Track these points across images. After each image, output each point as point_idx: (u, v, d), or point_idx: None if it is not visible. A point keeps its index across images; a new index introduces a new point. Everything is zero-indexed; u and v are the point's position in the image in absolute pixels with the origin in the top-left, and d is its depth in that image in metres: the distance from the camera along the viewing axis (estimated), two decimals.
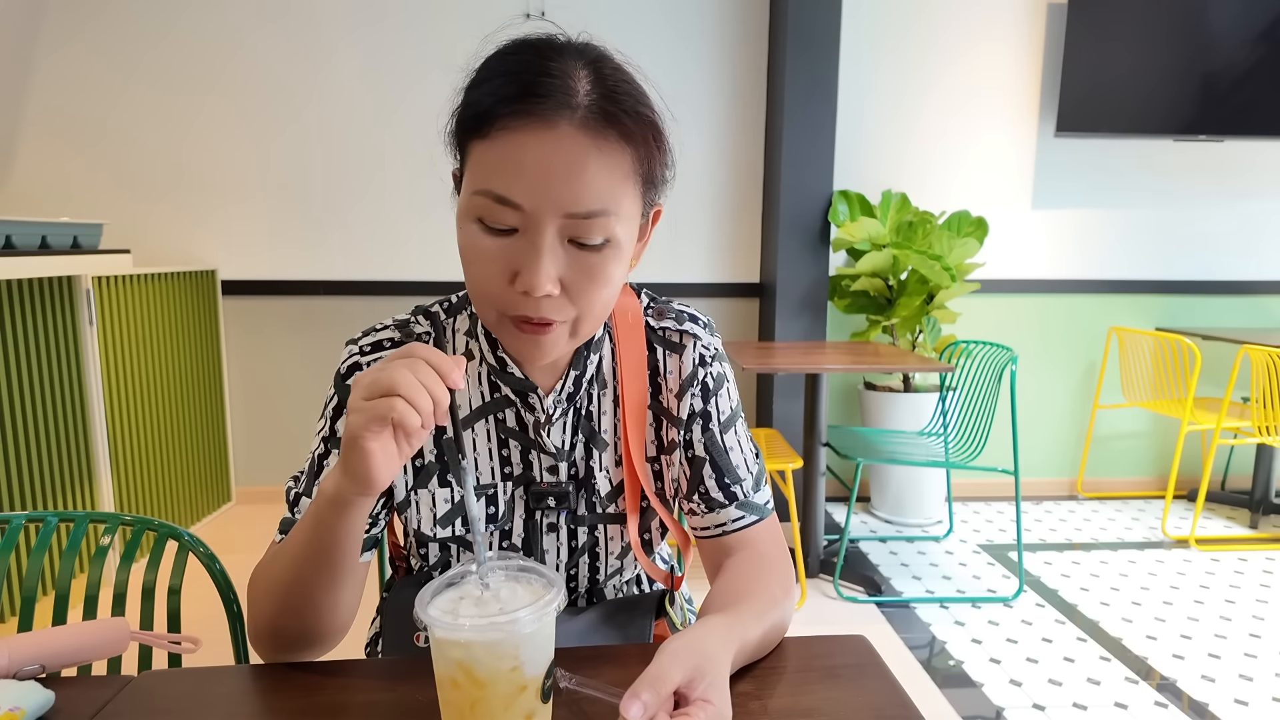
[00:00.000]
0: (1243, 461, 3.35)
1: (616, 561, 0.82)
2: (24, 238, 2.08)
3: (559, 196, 0.59)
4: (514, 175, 0.59)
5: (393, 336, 0.76)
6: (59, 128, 2.94)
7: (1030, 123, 3.17)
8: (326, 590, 0.67)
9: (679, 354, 0.79)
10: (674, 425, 0.79)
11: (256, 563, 0.73)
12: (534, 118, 0.59)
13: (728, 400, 0.80)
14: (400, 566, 0.89)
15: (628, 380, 0.77)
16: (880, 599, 2.39)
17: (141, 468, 2.59)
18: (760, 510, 0.80)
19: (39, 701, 0.58)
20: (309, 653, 0.71)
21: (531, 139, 0.59)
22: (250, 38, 2.95)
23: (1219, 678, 1.96)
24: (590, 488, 0.78)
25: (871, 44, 3.07)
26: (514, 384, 0.74)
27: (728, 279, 3.20)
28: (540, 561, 0.76)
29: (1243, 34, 3.02)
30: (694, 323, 0.80)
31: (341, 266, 3.09)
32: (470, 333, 0.76)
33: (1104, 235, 3.26)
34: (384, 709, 0.61)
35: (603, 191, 0.60)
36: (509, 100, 0.59)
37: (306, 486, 0.74)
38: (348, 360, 0.76)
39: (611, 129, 0.60)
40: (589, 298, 0.63)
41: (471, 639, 0.49)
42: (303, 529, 0.65)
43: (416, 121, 3.01)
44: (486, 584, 0.53)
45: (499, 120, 0.59)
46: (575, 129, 0.59)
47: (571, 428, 0.77)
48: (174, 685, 0.64)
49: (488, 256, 0.62)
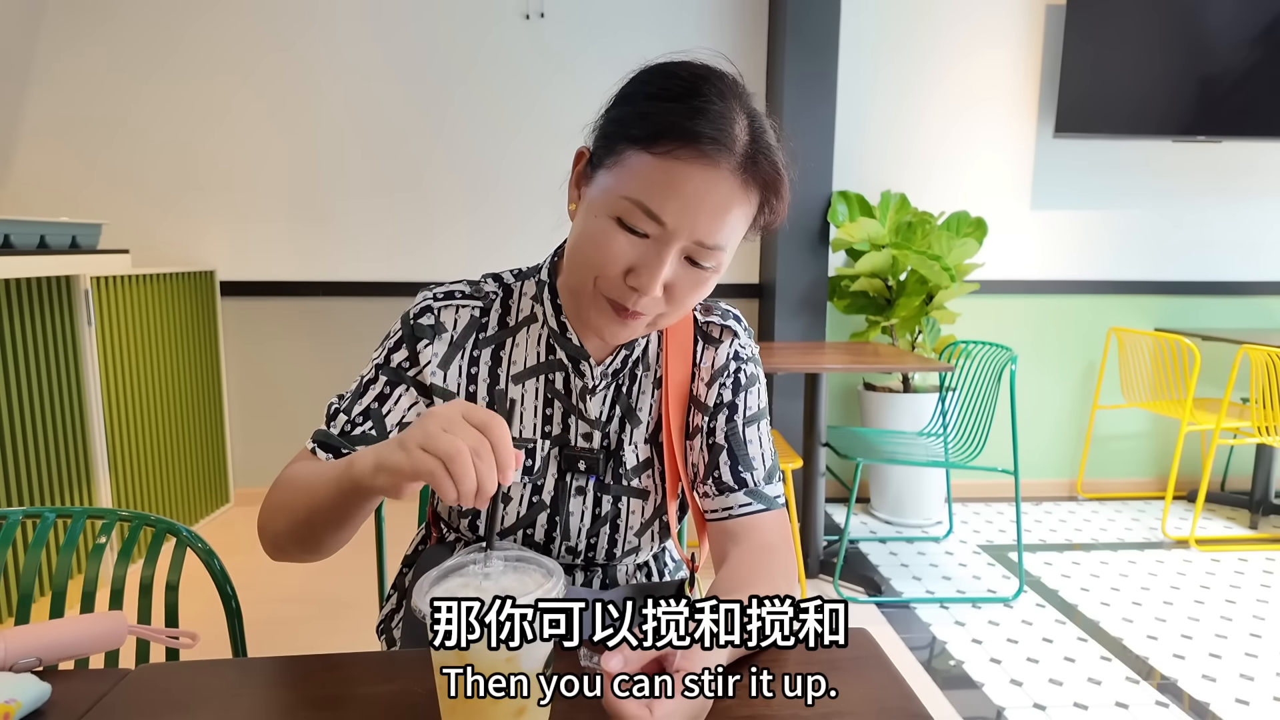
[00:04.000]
0: (1243, 462, 3.35)
1: (635, 539, 0.85)
2: (22, 237, 2.08)
3: (697, 226, 0.66)
4: (669, 197, 0.65)
5: (464, 289, 0.82)
6: (58, 127, 2.94)
7: (1029, 124, 3.17)
8: (332, 533, 0.72)
9: (715, 347, 0.84)
10: (700, 412, 0.84)
11: (265, 507, 0.77)
12: (701, 154, 0.64)
13: (756, 399, 0.85)
14: (434, 534, 0.91)
15: (673, 366, 0.82)
16: (880, 599, 2.39)
17: (140, 468, 2.58)
18: (769, 501, 0.82)
19: (35, 694, 0.58)
20: (302, 560, 0.77)
21: (695, 170, 0.65)
22: (248, 39, 2.95)
23: (1220, 677, 1.95)
24: (619, 459, 0.83)
25: (871, 46, 3.07)
26: (570, 350, 0.80)
27: (728, 279, 3.20)
28: (564, 524, 0.81)
29: (1240, 35, 3.02)
30: (737, 323, 0.86)
31: (339, 267, 3.09)
32: (536, 297, 0.82)
33: (1103, 236, 3.27)
34: (383, 702, 0.60)
35: (732, 231, 0.69)
36: (682, 129, 0.64)
37: (348, 405, 0.79)
38: (421, 303, 0.81)
39: (756, 180, 0.68)
40: (683, 304, 0.72)
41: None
42: (326, 483, 0.67)
43: (414, 122, 3.01)
44: (487, 573, 0.53)
45: (670, 143, 0.64)
46: (730, 173, 0.66)
47: (611, 401, 0.83)
48: (171, 679, 0.64)
49: (614, 247, 0.68)
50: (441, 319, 0.80)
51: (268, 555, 0.78)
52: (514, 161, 3.06)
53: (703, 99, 0.65)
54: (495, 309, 0.82)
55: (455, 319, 0.80)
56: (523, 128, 3.05)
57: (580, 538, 0.83)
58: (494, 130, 3.05)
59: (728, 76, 0.69)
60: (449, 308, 0.81)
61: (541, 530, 0.82)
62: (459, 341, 0.80)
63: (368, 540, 1.39)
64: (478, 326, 0.81)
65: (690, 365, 0.84)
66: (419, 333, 0.80)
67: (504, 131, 3.05)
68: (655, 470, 0.84)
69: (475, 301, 0.82)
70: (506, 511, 0.81)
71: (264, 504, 0.76)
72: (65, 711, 0.58)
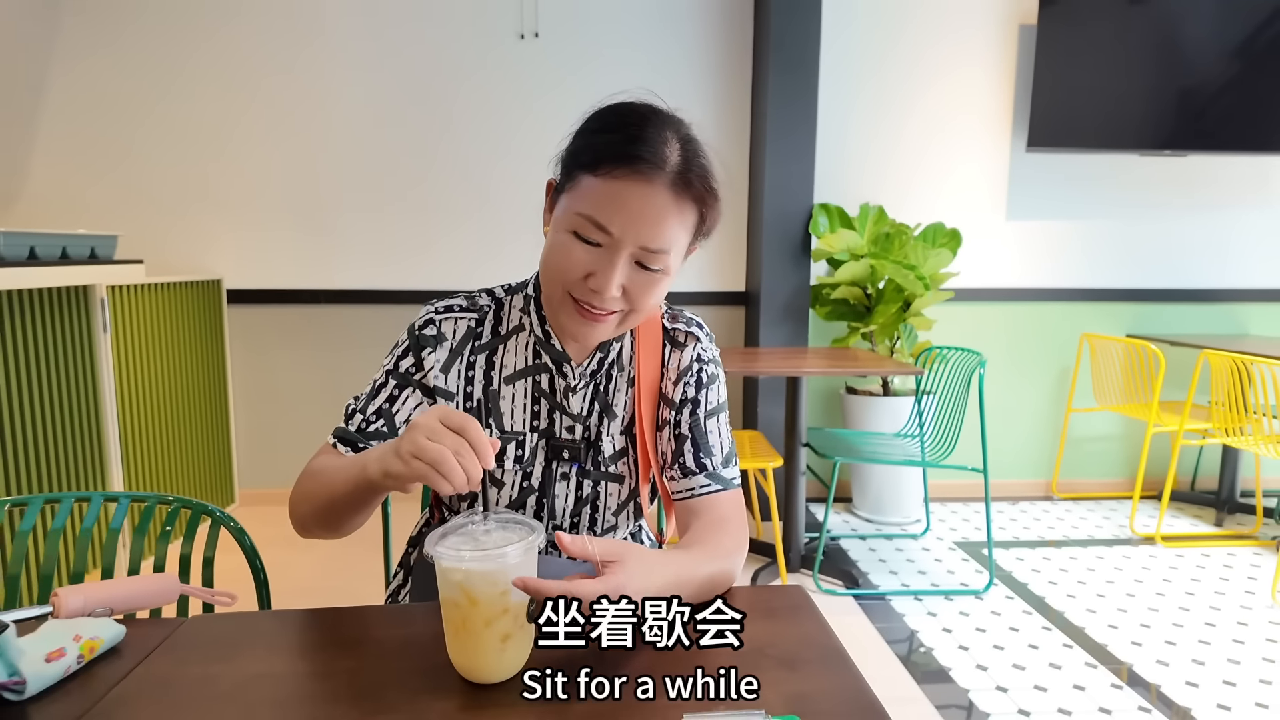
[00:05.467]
0: (1212, 463, 3.48)
1: (612, 518, 0.98)
2: (46, 249, 2.20)
3: (640, 234, 0.79)
4: (613, 210, 0.78)
5: (462, 304, 0.95)
6: (74, 143, 3.07)
7: (1003, 138, 3.32)
8: (349, 518, 0.86)
9: (681, 350, 0.97)
10: (668, 406, 0.97)
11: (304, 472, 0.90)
12: (636, 172, 0.78)
13: (716, 395, 0.98)
14: (437, 515, 1.04)
15: (644, 367, 0.95)
16: (858, 592, 2.51)
17: (150, 468, 2.70)
18: (725, 482, 0.95)
19: (114, 633, 0.70)
20: (326, 538, 0.90)
21: (633, 187, 0.78)
22: (254, 60, 3.08)
23: (1173, 663, 2.08)
24: (598, 449, 0.95)
25: (851, 65, 3.22)
26: (553, 354, 0.93)
27: (715, 288, 3.33)
28: (551, 505, 0.94)
29: (1203, 55, 3.18)
30: (699, 329, 1.00)
31: (339, 276, 3.21)
32: (524, 309, 0.95)
33: (1075, 245, 3.41)
34: (397, 641, 0.73)
35: (671, 237, 0.81)
36: (619, 154, 0.78)
37: (363, 406, 0.92)
38: (425, 316, 0.94)
39: (688, 193, 0.80)
40: (639, 302, 0.84)
41: (470, 567, 0.62)
42: (345, 479, 0.79)
43: (415, 135, 3.15)
44: (486, 529, 0.66)
45: (609, 166, 0.78)
46: (664, 187, 0.78)
47: (590, 398, 0.95)
48: (219, 626, 0.77)
49: (573, 256, 0.81)
50: (443, 329, 0.93)
51: (296, 533, 0.91)
52: (509, 174, 3.20)
53: (637, 128, 0.79)
54: (489, 320, 0.96)
55: (454, 329, 0.94)
56: (517, 142, 3.18)
57: (565, 517, 0.96)
58: (490, 145, 3.18)
59: (662, 111, 0.83)
60: (449, 319, 0.94)
61: (531, 511, 0.95)
62: (458, 349, 0.94)
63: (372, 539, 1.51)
64: (474, 335, 0.95)
65: (659, 366, 0.97)
66: (424, 342, 0.93)
67: (500, 146, 3.18)
68: (630, 458, 0.97)
69: (472, 314, 0.95)
70: (500, 495, 0.94)
71: (294, 490, 0.89)
72: (137, 649, 0.71)
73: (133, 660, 0.69)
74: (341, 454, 0.90)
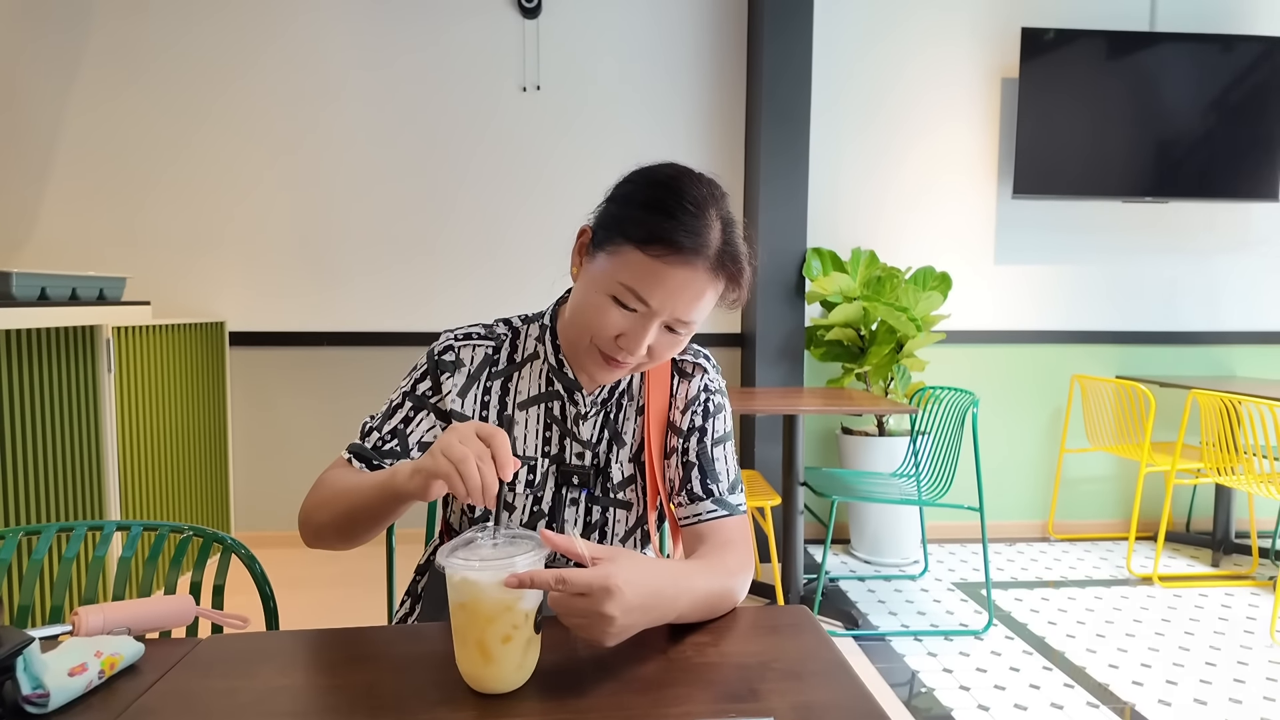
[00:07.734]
0: (1207, 503, 3.51)
1: (620, 544, 1.00)
2: (56, 290, 2.25)
3: (677, 309, 0.85)
4: (654, 287, 0.84)
5: (480, 331, 0.99)
6: (86, 185, 3.14)
7: (990, 185, 3.42)
8: (367, 528, 0.88)
9: (689, 380, 1.01)
10: (676, 434, 1.00)
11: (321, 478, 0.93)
12: (682, 258, 0.83)
13: (722, 424, 1.02)
14: (445, 540, 1.06)
15: (653, 397, 0.99)
16: (858, 633, 2.50)
17: (148, 511, 2.69)
18: (731, 508, 0.97)
19: (134, 650, 0.72)
20: (336, 548, 0.92)
21: (677, 269, 0.83)
22: (263, 112, 3.18)
23: (1175, 702, 2.07)
24: (607, 475, 0.98)
25: (842, 117, 3.34)
26: (565, 382, 0.97)
27: (712, 329, 3.39)
28: (560, 530, 0.97)
29: (1180, 105, 3.31)
30: (706, 360, 1.04)
31: (342, 318, 3.26)
32: (540, 339, 0.99)
33: (1063, 288, 3.49)
34: (409, 658, 0.75)
35: (703, 310, 0.88)
36: (671, 241, 0.82)
37: (379, 424, 0.95)
38: (444, 343, 0.98)
39: (723, 272, 0.86)
40: (660, 355, 0.91)
41: (479, 577, 0.66)
42: (370, 486, 0.82)
43: (417, 180, 3.23)
44: (494, 542, 0.69)
45: (660, 250, 0.83)
46: (704, 270, 0.84)
47: (600, 426, 0.98)
48: (235, 644, 0.78)
49: (609, 318, 0.86)
50: (460, 356, 0.97)
51: (305, 543, 0.93)
52: (511, 220, 3.27)
53: (687, 215, 0.83)
54: (505, 348, 0.99)
55: (472, 355, 0.98)
56: (519, 190, 3.27)
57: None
58: (493, 193, 3.27)
59: (706, 184, 0.88)
60: (467, 346, 0.97)
61: None
62: (475, 374, 0.97)
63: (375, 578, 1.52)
64: (490, 362, 0.98)
65: (668, 395, 1.01)
66: (442, 367, 0.96)
67: (502, 194, 3.27)
68: (638, 485, 1.00)
69: (489, 341, 0.99)
70: (511, 519, 0.96)
71: (307, 500, 0.91)
72: (157, 665, 0.72)
73: (153, 675, 0.70)
74: (356, 469, 0.92)
